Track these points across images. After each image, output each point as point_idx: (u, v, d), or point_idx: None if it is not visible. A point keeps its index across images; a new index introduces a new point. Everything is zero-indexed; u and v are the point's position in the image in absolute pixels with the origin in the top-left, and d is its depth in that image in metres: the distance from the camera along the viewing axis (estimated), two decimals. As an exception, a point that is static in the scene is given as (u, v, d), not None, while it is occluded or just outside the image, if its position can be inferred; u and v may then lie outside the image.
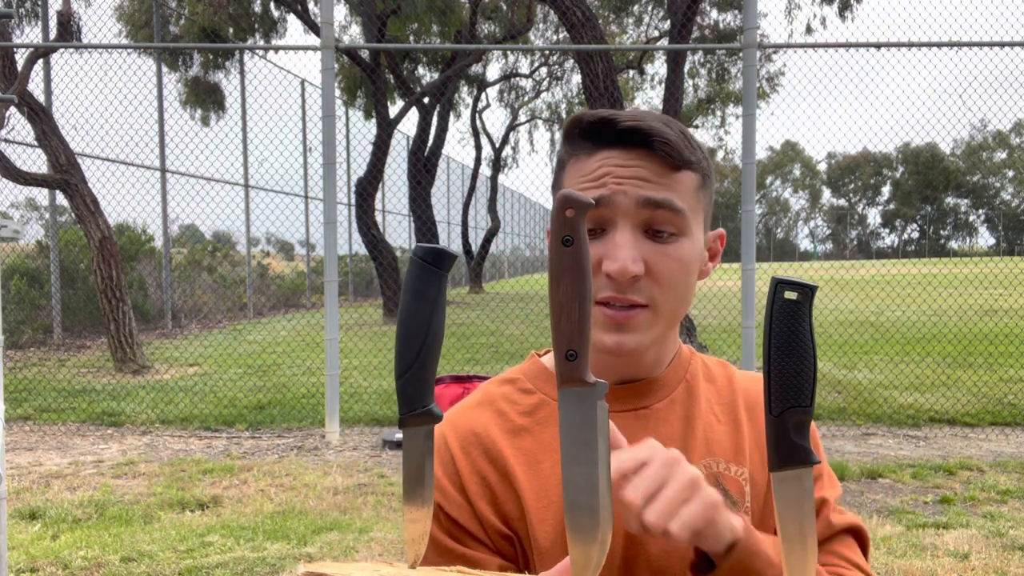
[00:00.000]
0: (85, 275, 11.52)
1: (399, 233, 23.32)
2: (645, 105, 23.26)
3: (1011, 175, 67.34)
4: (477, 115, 24.60)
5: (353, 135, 19.66)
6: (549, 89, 25.15)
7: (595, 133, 0.92)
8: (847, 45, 6.69)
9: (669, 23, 12.01)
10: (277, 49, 17.44)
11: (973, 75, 7.24)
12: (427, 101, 16.44)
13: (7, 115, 8.53)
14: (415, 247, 0.65)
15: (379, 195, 18.25)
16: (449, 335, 11.63)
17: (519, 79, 24.47)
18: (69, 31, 8.93)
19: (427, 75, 18.59)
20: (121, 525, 4.07)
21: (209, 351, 10.27)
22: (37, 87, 10.17)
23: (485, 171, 26.67)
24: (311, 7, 14.52)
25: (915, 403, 6.85)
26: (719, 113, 23.03)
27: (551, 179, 1.02)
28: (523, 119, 28.35)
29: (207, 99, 15.49)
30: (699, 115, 22.61)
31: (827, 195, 79.58)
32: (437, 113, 17.19)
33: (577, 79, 21.73)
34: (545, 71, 23.63)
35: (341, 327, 7.48)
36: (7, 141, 9.18)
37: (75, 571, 3.46)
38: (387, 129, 14.94)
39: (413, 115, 16.93)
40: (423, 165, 16.56)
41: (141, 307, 12.80)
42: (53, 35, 10.05)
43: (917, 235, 73.94)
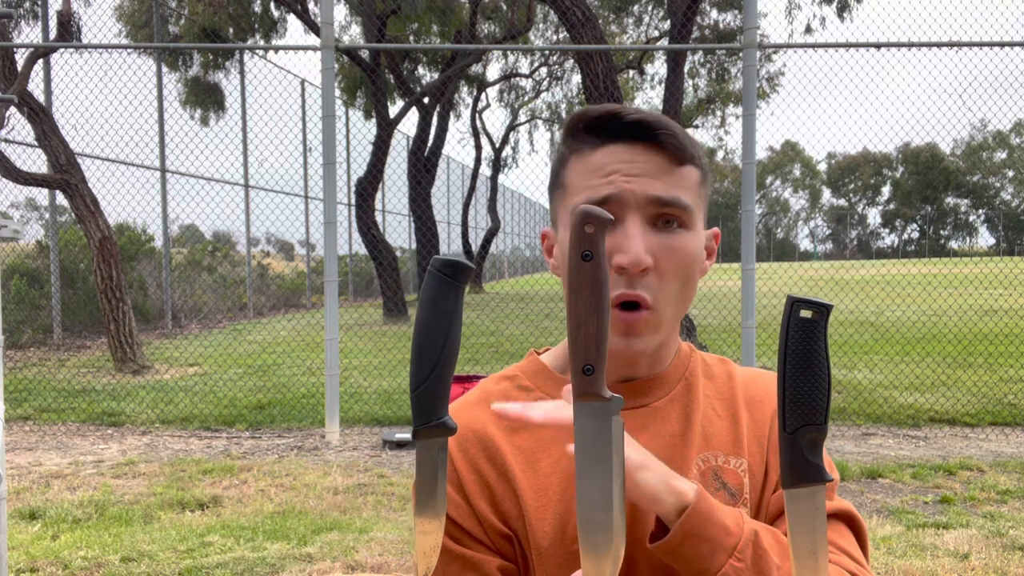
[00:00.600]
0: (85, 275, 11.51)
1: (399, 233, 23.33)
2: (645, 105, 23.23)
3: (1011, 175, 67.33)
4: (477, 115, 24.58)
5: (353, 135, 19.66)
6: (549, 89, 25.14)
7: (600, 128, 0.92)
8: (847, 45, 6.69)
9: (669, 23, 12.00)
10: (277, 49, 17.44)
11: (973, 75, 7.24)
12: (427, 101, 16.42)
13: (7, 115, 8.52)
14: (432, 259, 0.64)
15: (379, 195, 18.25)
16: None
17: (519, 79, 24.45)
18: (69, 31, 8.93)
19: (427, 75, 18.58)
20: (121, 525, 4.07)
21: (209, 351, 10.26)
22: (37, 87, 10.17)
23: (485, 171, 26.66)
24: (311, 7, 14.50)
25: (915, 403, 6.86)
26: (719, 113, 23.04)
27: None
28: (523, 119, 28.34)
29: (207, 99, 15.47)
30: (699, 115, 22.61)
31: (827, 195, 79.61)
32: (437, 113, 17.18)
33: (577, 79, 21.75)
34: (545, 71, 23.61)
35: (341, 327, 7.48)
36: (7, 141, 9.18)
37: (75, 571, 3.46)
38: (387, 129, 14.93)
39: (413, 115, 16.92)
40: (423, 165, 16.54)
41: (141, 307, 12.79)
42: (53, 35, 10.05)
43: (917, 235, 73.93)
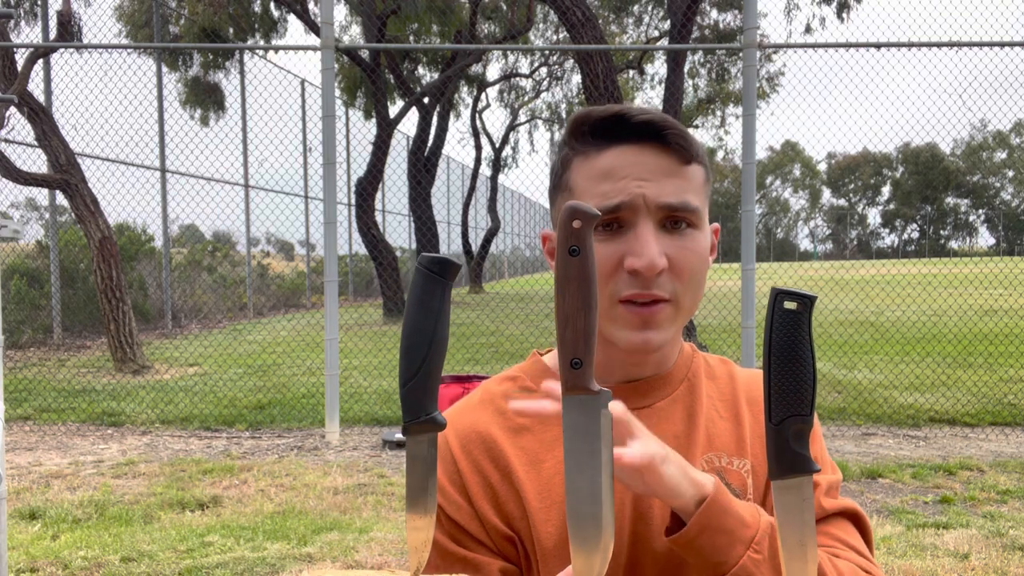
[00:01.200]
0: (85, 275, 11.51)
1: (399, 233, 23.34)
2: (645, 105, 23.20)
3: (1011, 175, 67.31)
4: (477, 115, 24.58)
5: (353, 135, 19.66)
6: (549, 89, 25.13)
7: (606, 129, 0.90)
8: (847, 45, 6.69)
9: (669, 23, 12.00)
10: (277, 49, 17.45)
11: (973, 75, 7.26)
12: (427, 101, 16.43)
13: (7, 115, 8.52)
14: (419, 257, 0.65)
15: (379, 195, 18.25)
16: (449, 335, 11.62)
17: (519, 79, 24.45)
18: (69, 31, 8.93)
19: (427, 75, 18.58)
20: (121, 525, 4.07)
21: (209, 351, 10.26)
22: (37, 87, 10.17)
23: (485, 171, 26.66)
24: (311, 7, 14.50)
25: (915, 403, 6.85)
26: (719, 113, 23.03)
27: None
28: (523, 119, 28.33)
29: (207, 99, 15.47)
30: (699, 115, 22.60)
31: (827, 195, 79.58)
32: (437, 113, 17.18)
33: (577, 79, 21.74)
34: (545, 71, 23.61)
35: (341, 327, 7.48)
36: (7, 141, 9.18)
37: (75, 571, 3.46)
38: (387, 129, 14.93)
39: (413, 115, 16.93)
40: (423, 165, 16.55)
41: (141, 307, 12.79)
42: (53, 35, 10.05)
43: (917, 235, 73.89)
